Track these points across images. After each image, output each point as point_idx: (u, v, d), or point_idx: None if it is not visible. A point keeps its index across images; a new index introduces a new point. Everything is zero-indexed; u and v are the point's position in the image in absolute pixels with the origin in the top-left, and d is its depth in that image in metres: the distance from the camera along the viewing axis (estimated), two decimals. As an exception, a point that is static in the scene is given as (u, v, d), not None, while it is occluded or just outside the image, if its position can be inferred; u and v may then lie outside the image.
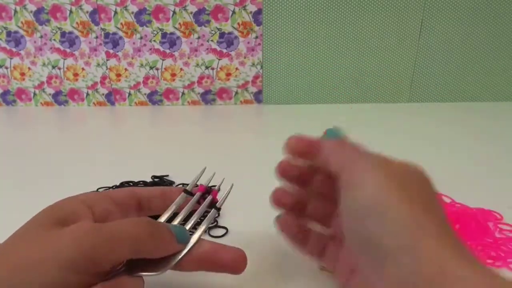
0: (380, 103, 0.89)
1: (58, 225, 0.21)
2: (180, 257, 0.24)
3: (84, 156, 0.60)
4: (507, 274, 0.32)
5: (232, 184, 0.29)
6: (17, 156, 0.60)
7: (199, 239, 0.25)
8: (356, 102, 0.90)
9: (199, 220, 0.27)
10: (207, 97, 0.91)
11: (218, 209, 0.28)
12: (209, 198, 0.28)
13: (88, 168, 0.55)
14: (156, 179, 0.49)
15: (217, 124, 0.79)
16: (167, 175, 0.50)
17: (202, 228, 0.26)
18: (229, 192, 0.28)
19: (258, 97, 0.90)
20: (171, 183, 0.48)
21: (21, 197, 0.46)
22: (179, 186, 0.46)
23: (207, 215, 0.27)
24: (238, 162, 0.57)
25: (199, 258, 0.24)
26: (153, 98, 0.91)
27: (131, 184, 0.47)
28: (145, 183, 0.47)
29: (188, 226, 0.26)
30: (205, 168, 0.30)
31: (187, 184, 0.29)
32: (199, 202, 0.28)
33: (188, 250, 0.24)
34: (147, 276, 0.23)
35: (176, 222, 0.26)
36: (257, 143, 0.67)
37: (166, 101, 0.91)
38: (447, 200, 0.42)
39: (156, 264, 0.23)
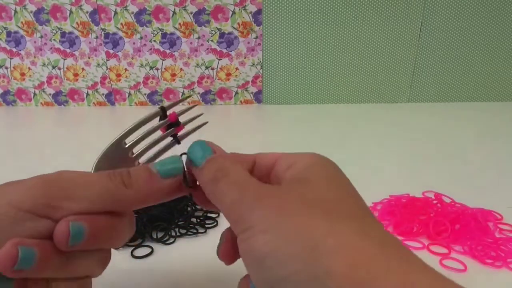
0: (380, 103, 0.89)
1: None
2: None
3: (84, 156, 0.60)
4: (507, 274, 0.32)
5: (206, 122, 0.28)
6: (17, 156, 0.60)
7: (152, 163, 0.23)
8: (356, 102, 0.90)
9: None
10: (207, 97, 0.91)
11: (178, 142, 0.27)
12: (172, 130, 0.27)
13: (88, 168, 0.55)
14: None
15: (217, 124, 0.79)
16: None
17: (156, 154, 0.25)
18: (196, 128, 0.27)
19: (258, 97, 0.90)
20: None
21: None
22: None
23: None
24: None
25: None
26: (153, 98, 0.91)
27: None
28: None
29: (146, 157, 0.25)
30: (190, 95, 0.29)
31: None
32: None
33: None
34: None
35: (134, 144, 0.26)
36: (257, 143, 0.67)
37: (166, 101, 0.91)
38: (447, 200, 0.42)
39: None
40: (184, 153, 0.22)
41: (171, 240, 0.37)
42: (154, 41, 0.84)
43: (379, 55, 0.85)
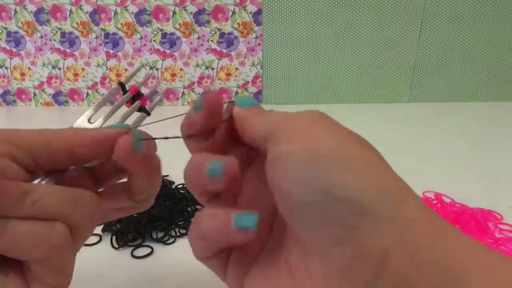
0: (380, 103, 0.89)
1: None
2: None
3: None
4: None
5: (167, 88, 0.28)
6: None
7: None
8: (356, 102, 0.90)
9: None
10: (207, 97, 0.91)
11: (148, 113, 0.27)
12: (137, 102, 0.27)
13: (88, 168, 0.55)
14: (156, 179, 0.49)
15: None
16: (167, 175, 0.50)
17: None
18: (161, 99, 0.27)
19: (258, 97, 0.90)
20: (171, 183, 0.48)
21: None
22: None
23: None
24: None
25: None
26: (153, 98, 0.90)
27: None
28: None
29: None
30: (140, 67, 0.29)
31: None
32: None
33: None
34: None
35: (99, 121, 0.26)
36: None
37: (166, 101, 0.91)
38: (447, 200, 0.42)
39: None
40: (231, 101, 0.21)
41: (171, 240, 0.37)
42: (154, 41, 0.84)
43: (379, 55, 0.85)
